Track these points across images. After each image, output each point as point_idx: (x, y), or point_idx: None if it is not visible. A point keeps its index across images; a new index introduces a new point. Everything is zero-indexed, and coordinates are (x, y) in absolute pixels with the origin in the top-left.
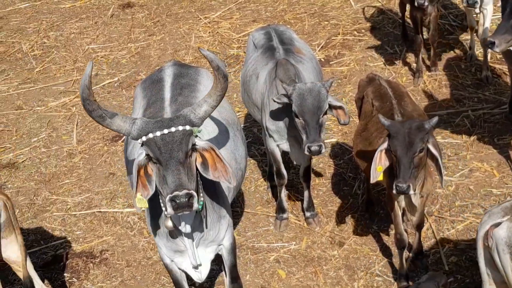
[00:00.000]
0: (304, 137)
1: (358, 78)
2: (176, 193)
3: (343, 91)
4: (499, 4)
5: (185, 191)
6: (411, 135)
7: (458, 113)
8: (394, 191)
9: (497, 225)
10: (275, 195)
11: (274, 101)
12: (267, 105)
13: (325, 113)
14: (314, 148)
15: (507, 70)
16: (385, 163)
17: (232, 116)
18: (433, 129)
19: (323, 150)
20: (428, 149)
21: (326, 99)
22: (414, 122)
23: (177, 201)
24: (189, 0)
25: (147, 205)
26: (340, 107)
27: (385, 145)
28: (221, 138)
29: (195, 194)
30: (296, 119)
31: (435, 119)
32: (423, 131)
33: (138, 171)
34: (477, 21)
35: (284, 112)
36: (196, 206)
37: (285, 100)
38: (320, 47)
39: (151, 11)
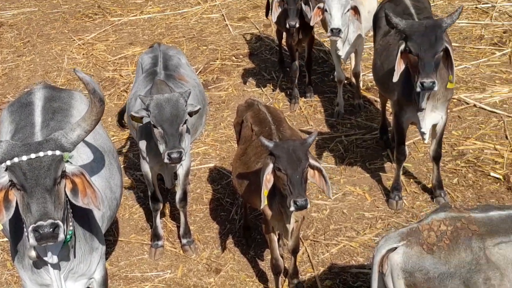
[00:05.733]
0: (163, 146)
1: (236, 103)
2: (40, 223)
3: (221, 116)
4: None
5: (50, 221)
6: (297, 152)
7: (332, 138)
8: (292, 209)
9: (392, 250)
10: (151, 221)
11: (133, 116)
12: (140, 125)
13: (185, 123)
14: (174, 155)
15: (377, 97)
16: (269, 185)
17: (108, 143)
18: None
19: (184, 157)
20: (309, 164)
21: (185, 108)
22: (295, 140)
23: (41, 232)
24: (63, 20)
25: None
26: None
27: (270, 168)
28: (96, 166)
29: (61, 224)
30: (155, 129)
31: (315, 134)
32: (307, 146)
33: None
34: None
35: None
36: (62, 237)
37: (144, 113)
38: (198, 71)
39: (21, 31)
